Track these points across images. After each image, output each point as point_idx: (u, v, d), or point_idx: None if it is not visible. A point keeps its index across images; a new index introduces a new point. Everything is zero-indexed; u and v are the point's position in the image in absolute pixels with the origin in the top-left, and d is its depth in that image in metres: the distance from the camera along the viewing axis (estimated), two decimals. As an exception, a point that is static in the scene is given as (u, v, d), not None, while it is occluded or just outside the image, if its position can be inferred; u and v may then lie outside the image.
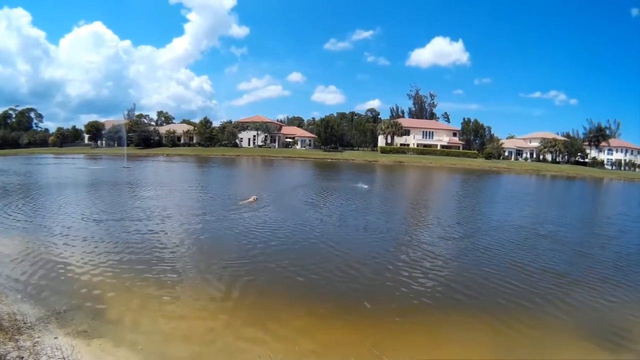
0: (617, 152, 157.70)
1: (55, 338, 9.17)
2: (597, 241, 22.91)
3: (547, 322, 11.55)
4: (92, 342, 9.17)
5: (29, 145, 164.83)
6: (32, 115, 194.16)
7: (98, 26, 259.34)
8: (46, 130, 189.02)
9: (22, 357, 8.11)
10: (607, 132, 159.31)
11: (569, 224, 28.56)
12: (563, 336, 10.92)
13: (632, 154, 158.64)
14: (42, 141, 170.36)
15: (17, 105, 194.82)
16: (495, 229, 23.93)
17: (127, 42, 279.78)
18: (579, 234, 25.32)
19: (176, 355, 9.06)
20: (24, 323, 9.74)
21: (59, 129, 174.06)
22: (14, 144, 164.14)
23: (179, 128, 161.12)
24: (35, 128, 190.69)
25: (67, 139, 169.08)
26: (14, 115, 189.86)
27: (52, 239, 18.16)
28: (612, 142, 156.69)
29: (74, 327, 9.82)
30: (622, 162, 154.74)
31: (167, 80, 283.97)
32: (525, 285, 14.34)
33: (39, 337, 9.15)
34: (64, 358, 8.24)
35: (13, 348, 8.44)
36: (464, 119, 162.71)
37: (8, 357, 7.97)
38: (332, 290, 13.38)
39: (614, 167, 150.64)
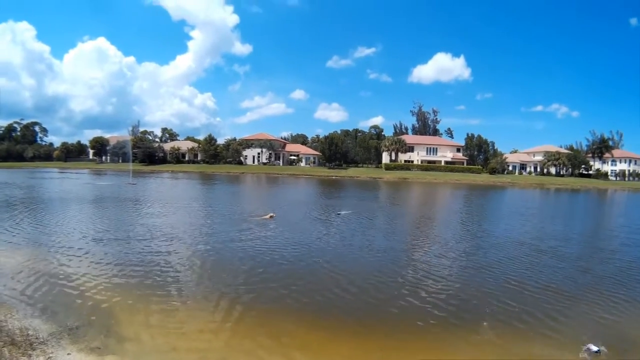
0: (620, 162, 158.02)
1: (68, 354, 9.13)
2: (599, 255, 22.65)
3: (551, 339, 11.58)
4: (106, 359, 9.17)
5: (34, 158, 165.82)
6: (37, 129, 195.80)
7: (102, 42, 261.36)
8: (51, 144, 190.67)
9: (36, 373, 8.19)
10: (610, 143, 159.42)
11: (571, 238, 28.45)
12: (567, 353, 10.97)
13: (635, 164, 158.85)
14: (47, 155, 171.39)
15: (22, 119, 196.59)
16: (496, 246, 23.66)
17: (131, 59, 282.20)
18: (581, 248, 25.03)
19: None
20: (36, 338, 9.70)
21: (64, 143, 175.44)
22: (19, 157, 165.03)
23: (183, 145, 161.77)
24: (39, 142, 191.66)
25: (72, 153, 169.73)
26: (18, 129, 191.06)
27: (61, 254, 18.16)
28: (616, 153, 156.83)
29: (87, 343, 9.76)
30: (626, 172, 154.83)
31: (171, 97, 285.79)
32: (528, 303, 14.17)
33: (52, 352, 9.10)
34: (78, 374, 8.32)
35: (27, 364, 8.51)
36: (467, 134, 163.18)
37: (22, 373, 8.04)
38: (337, 308, 13.34)
39: (618, 178, 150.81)
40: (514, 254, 21.72)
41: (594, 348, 10.74)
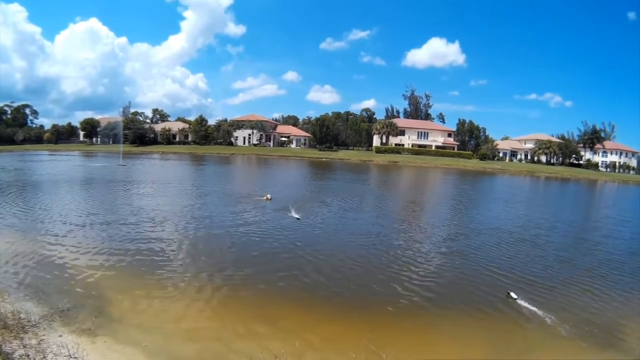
0: (611, 154, 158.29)
1: (60, 336, 9.34)
2: (581, 246, 23.01)
3: (536, 324, 11.86)
4: (97, 340, 9.36)
5: (24, 141, 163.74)
6: (28, 111, 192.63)
7: (94, 23, 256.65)
8: (41, 126, 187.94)
9: (29, 355, 8.25)
10: (602, 134, 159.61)
11: (555, 227, 28.72)
12: (552, 336, 11.22)
13: (626, 156, 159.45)
14: (37, 138, 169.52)
15: (13, 102, 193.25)
16: (478, 233, 24.10)
17: (123, 39, 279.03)
18: (563, 238, 25.28)
19: (179, 352, 9.30)
20: (28, 321, 9.89)
21: (54, 125, 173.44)
22: (9, 140, 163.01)
23: (175, 126, 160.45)
24: (30, 124, 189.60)
25: (63, 135, 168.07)
26: (9, 112, 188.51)
27: (52, 238, 18.31)
28: (607, 144, 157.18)
29: (78, 325, 10.00)
30: (617, 164, 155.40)
31: (163, 78, 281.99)
32: (502, 291, 14.59)
33: (43, 335, 9.31)
34: (69, 356, 8.39)
35: (19, 346, 8.60)
36: (459, 119, 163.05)
37: (14, 356, 8.10)
38: (328, 290, 13.70)
39: (608, 170, 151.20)
40: (494, 242, 22.17)
41: (514, 296, 11.46)
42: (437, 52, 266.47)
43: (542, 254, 20.31)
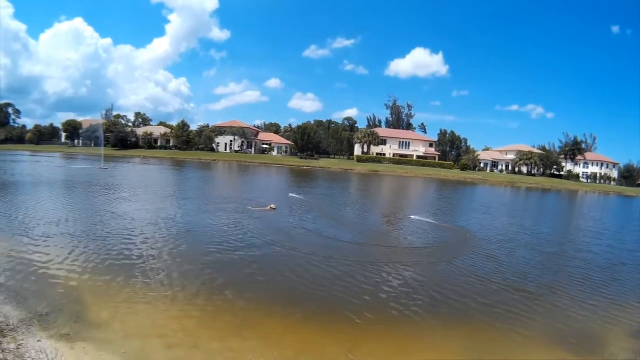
0: (592, 165, 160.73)
1: (38, 341, 9.25)
2: (547, 262, 22.31)
3: (516, 331, 12.02)
4: (76, 345, 9.28)
5: (6, 141, 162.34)
6: (10, 110, 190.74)
7: (79, 22, 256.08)
8: (23, 126, 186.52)
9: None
10: (583, 145, 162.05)
11: (521, 240, 28.00)
12: (532, 343, 11.40)
13: (607, 167, 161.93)
14: (19, 138, 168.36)
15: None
16: (441, 248, 23.92)
17: (107, 40, 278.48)
18: (530, 253, 23.94)
19: (158, 359, 9.26)
20: (7, 325, 9.79)
21: (37, 126, 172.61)
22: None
23: (156, 130, 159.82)
24: (12, 124, 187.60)
25: (44, 136, 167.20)
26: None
27: (31, 241, 18.07)
28: (588, 155, 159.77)
29: (57, 329, 9.92)
30: (598, 175, 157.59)
31: (145, 81, 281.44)
32: (489, 299, 14.93)
33: (22, 339, 9.22)
34: (48, 361, 8.37)
35: (-3, 350, 8.55)
36: (440, 130, 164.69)
37: (-8, 359, 8.07)
38: (307, 299, 13.77)
39: (589, 180, 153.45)
40: (470, 253, 21.96)
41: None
42: (420, 62, 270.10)
43: (502, 269, 19.65)
